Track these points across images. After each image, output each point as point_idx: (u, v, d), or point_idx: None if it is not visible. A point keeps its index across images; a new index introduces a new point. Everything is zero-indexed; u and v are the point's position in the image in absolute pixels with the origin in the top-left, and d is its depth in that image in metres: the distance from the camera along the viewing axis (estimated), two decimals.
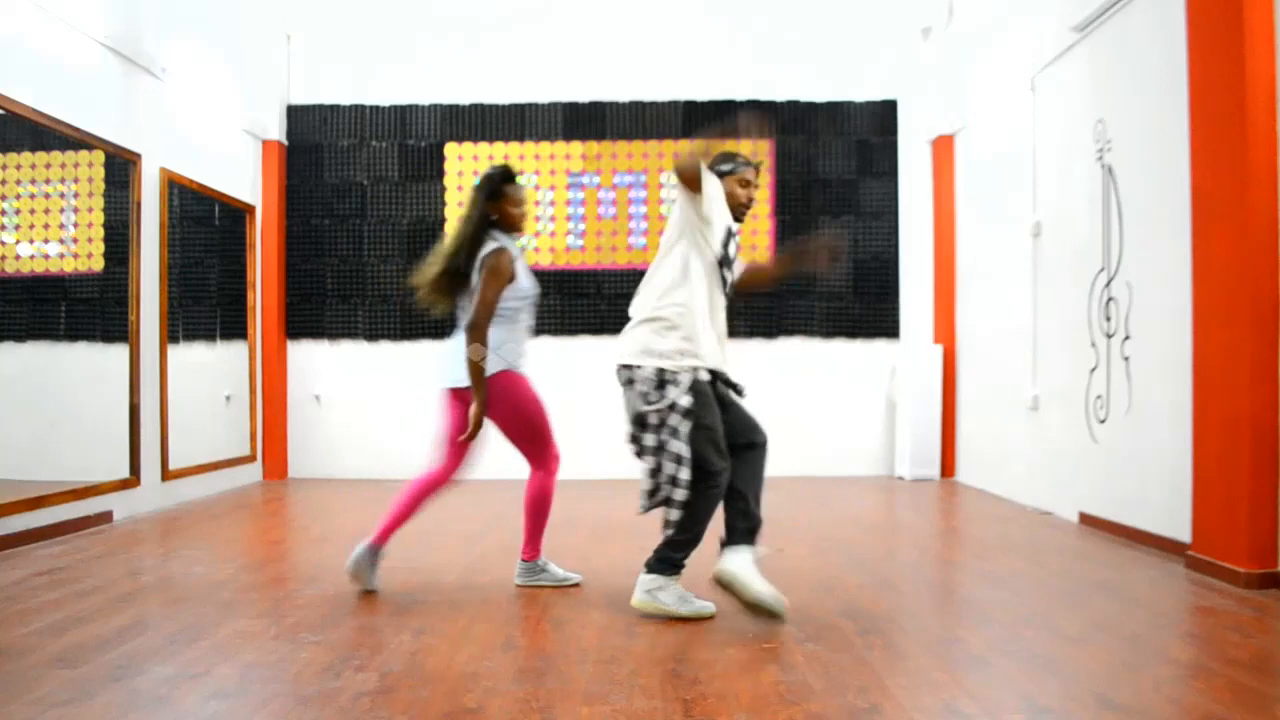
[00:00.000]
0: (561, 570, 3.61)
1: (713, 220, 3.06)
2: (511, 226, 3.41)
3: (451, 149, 7.08)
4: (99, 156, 4.95)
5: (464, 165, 7.08)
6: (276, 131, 6.93)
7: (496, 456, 3.84)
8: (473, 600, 3.35)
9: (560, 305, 7.01)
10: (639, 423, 3.06)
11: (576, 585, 3.55)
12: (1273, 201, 3.43)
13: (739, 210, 3.22)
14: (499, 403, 3.30)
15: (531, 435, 3.42)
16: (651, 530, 4.75)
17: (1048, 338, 5.32)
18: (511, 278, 3.29)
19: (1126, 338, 4.43)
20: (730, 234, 3.16)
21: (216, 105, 6.21)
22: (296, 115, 7.10)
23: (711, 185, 3.08)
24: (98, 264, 5.05)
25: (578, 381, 6.47)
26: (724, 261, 3.13)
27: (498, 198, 3.35)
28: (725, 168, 3.21)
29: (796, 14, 7.08)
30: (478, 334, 3.21)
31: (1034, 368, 5.48)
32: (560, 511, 3.94)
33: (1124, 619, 3.05)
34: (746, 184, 3.21)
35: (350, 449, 7.02)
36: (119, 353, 5.12)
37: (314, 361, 7.08)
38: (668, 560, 3.12)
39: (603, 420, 5.76)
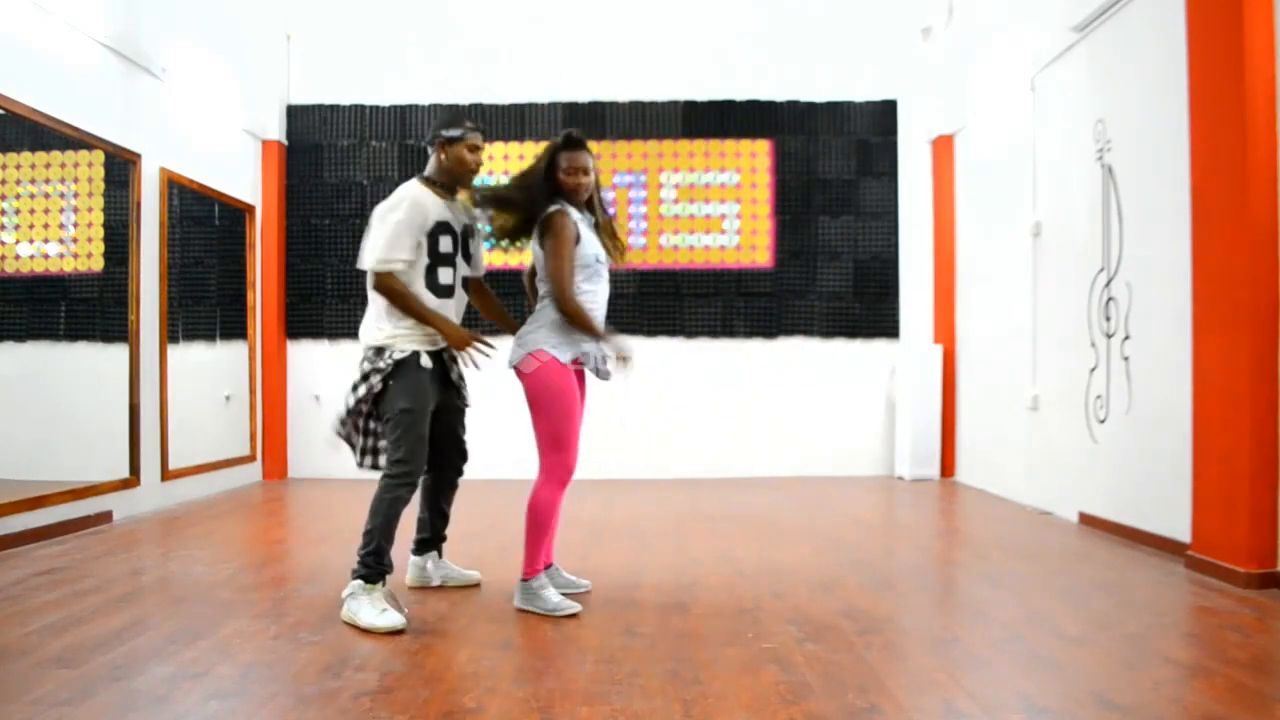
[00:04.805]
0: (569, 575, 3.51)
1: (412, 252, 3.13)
2: (567, 193, 3.15)
3: None
4: (99, 156, 4.95)
5: None
6: (276, 131, 6.93)
7: (496, 455, 3.83)
8: (473, 600, 3.35)
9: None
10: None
11: (586, 591, 3.44)
12: (1273, 201, 3.43)
13: (468, 176, 3.22)
14: (536, 386, 3.10)
15: (548, 437, 3.14)
16: (652, 529, 4.75)
17: (1048, 338, 5.32)
18: (576, 239, 3.08)
19: (1126, 338, 4.43)
20: (442, 226, 3.15)
21: (216, 105, 6.21)
22: (296, 115, 7.09)
23: (409, 231, 3.11)
24: (98, 264, 5.04)
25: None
26: (448, 260, 3.18)
27: (553, 167, 3.15)
28: (454, 133, 3.19)
29: (796, 14, 7.08)
30: (566, 302, 3.04)
31: (1034, 368, 5.48)
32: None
33: (1124, 619, 3.05)
34: (475, 149, 3.22)
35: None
36: (119, 353, 5.12)
37: (314, 361, 7.08)
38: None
39: (598, 420, 5.77)
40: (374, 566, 3.06)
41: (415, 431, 3.13)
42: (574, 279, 3.08)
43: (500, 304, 3.62)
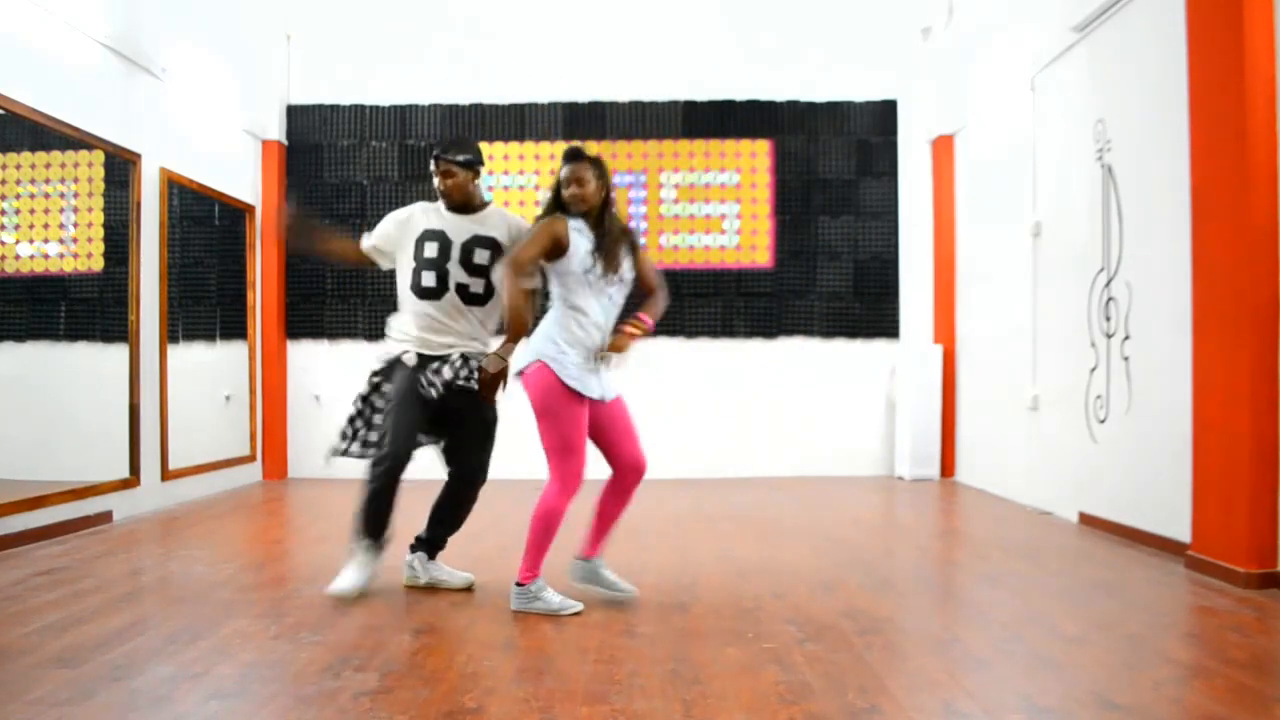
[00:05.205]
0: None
1: (397, 248, 3.44)
2: (572, 207, 3.19)
3: None
4: (99, 156, 4.95)
5: None
6: (276, 131, 6.93)
7: (495, 456, 3.82)
8: (473, 600, 3.36)
9: None
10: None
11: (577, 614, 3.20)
12: (1273, 201, 3.43)
13: (446, 198, 3.41)
14: (533, 394, 3.10)
15: (552, 445, 3.12)
16: (652, 529, 4.75)
17: (1048, 338, 5.32)
18: (559, 247, 3.09)
19: (1126, 338, 4.43)
20: (430, 234, 3.37)
21: (216, 105, 6.21)
22: (296, 115, 7.09)
23: (381, 238, 3.48)
24: (98, 264, 5.05)
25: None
26: (430, 264, 3.34)
27: (557, 186, 3.24)
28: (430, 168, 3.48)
29: (797, 14, 7.07)
30: (509, 276, 3.08)
31: (1034, 368, 5.48)
32: None
33: (1124, 619, 3.05)
34: (443, 174, 3.39)
35: None
36: (119, 353, 5.12)
37: (314, 361, 7.08)
38: None
39: None
40: (364, 533, 3.37)
41: (394, 420, 3.27)
42: (528, 269, 3.08)
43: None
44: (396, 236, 3.46)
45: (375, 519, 3.33)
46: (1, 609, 3.17)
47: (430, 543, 3.57)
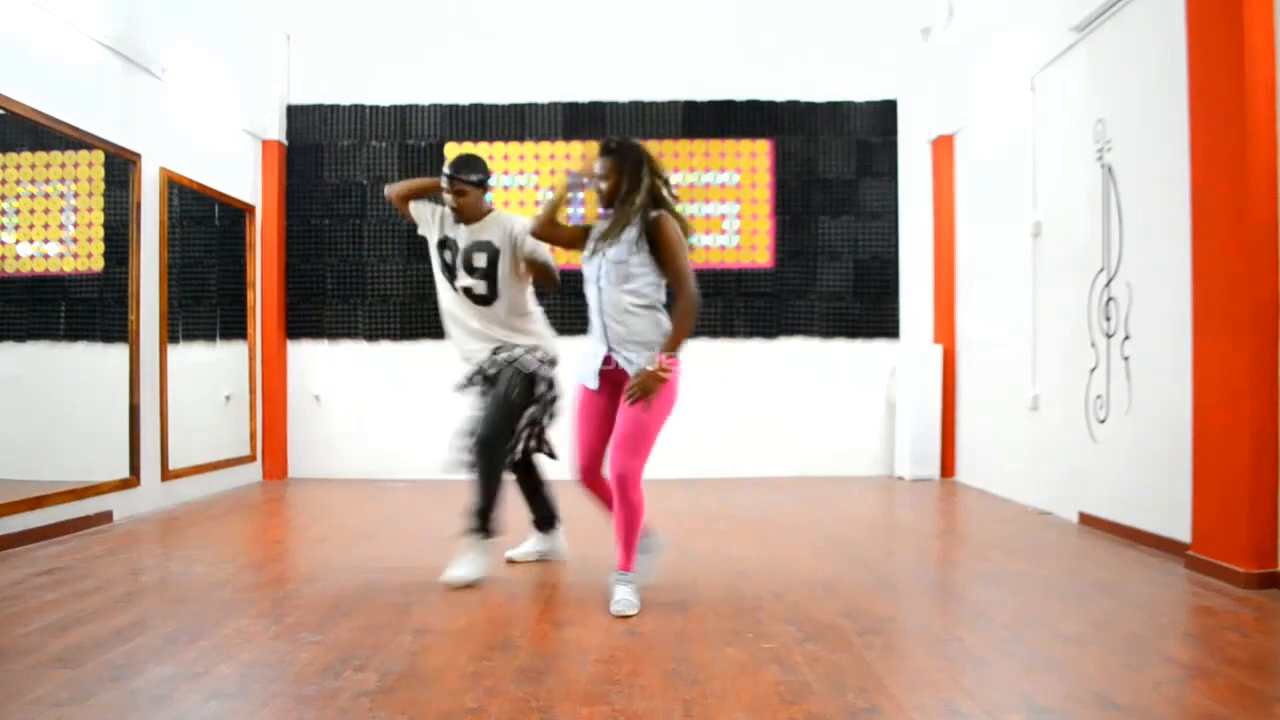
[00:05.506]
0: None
1: (428, 238, 3.80)
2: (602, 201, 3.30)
3: (451, 149, 7.08)
4: (99, 156, 4.95)
5: None
6: (276, 131, 6.93)
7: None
8: (473, 600, 3.36)
9: (561, 305, 7.01)
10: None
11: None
12: (1273, 201, 3.43)
13: (456, 213, 3.68)
14: None
15: None
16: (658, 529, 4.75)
17: (1048, 338, 5.32)
18: (583, 235, 3.36)
19: (1126, 338, 4.43)
20: (447, 241, 3.70)
21: (216, 105, 6.21)
22: (296, 115, 7.09)
23: (418, 209, 3.81)
24: (98, 264, 5.04)
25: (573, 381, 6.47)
26: (446, 268, 3.70)
27: None
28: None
29: (797, 14, 7.08)
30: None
31: (1034, 368, 5.48)
32: (561, 510, 3.98)
33: (1124, 619, 3.05)
34: (453, 192, 3.63)
35: (350, 449, 7.02)
36: (119, 353, 5.12)
37: (314, 361, 7.08)
38: None
39: None
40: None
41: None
42: (543, 233, 3.39)
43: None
44: (426, 219, 3.82)
45: (537, 506, 3.95)
46: (1, 609, 3.17)
47: (541, 520, 3.93)
